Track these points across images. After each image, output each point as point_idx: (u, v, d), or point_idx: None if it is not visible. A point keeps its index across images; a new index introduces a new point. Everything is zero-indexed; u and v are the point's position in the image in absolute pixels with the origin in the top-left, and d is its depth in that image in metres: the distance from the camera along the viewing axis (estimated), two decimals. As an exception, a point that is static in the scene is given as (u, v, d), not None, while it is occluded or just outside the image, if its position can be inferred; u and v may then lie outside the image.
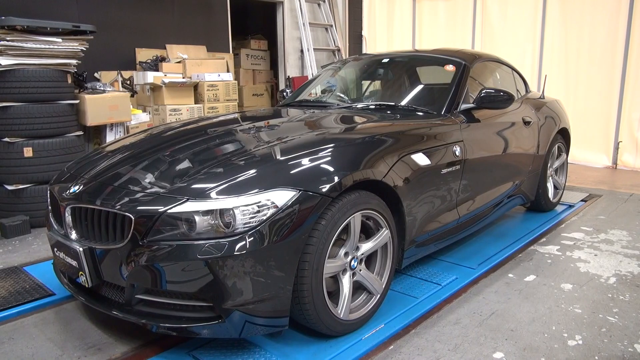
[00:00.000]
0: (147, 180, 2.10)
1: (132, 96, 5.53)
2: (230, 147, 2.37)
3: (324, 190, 1.99)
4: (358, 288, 2.33)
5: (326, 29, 8.05)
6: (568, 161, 4.47)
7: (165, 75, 5.44)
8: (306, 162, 2.08)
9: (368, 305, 2.31)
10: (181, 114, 5.33)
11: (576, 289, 2.71)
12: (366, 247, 2.27)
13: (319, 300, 2.02)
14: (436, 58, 3.54)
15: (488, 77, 3.67)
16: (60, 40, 3.96)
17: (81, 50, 4.12)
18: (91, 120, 4.36)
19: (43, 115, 3.85)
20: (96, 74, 5.40)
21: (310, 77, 6.17)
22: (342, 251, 2.16)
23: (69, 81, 4.10)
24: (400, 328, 2.29)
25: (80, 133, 4.21)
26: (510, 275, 2.91)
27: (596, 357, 2.08)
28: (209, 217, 1.85)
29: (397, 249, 2.46)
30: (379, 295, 2.35)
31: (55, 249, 2.26)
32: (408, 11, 7.76)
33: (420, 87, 3.47)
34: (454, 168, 2.74)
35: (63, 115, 3.99)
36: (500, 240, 3.46)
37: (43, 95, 3.86)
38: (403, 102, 3.22)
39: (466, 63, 3.25)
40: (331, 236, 2.03)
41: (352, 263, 2.21)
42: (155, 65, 5.67)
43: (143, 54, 5.84)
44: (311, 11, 7.82)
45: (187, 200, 1.88)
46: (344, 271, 2.19)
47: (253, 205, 1.86)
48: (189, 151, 2.32)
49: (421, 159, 2.50)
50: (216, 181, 1.96)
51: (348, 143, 2.31)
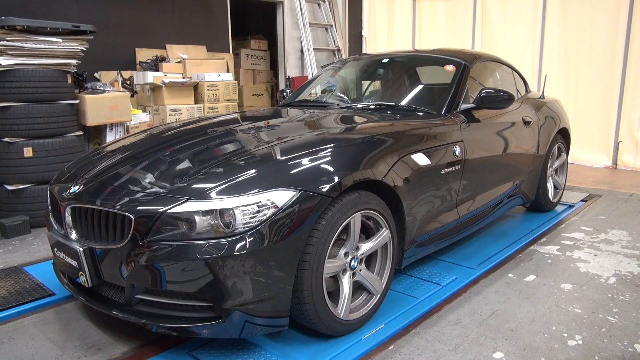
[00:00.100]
0: (147, 180, 2.10)
1: (132, 96, 5.53)
2: (230, 147, 2.37)
3: (324, 190, 1.99)
4: (358, 288, 2.33)
5: (326, 29, 8.05)
6: (568, 161, 4.47)
7: (165, 75, 5.44)
8: (306, 162, 2.08)
9: (368, 305, 2.31)
10: (181, 114, 5.33)
11: (576, 289, 2.71)
12: (366, 247, 2.27)
13: (319, 300, 2.02)
14: (436, 58, 3.54)
15: (488, 77, 3.67)
16: (60, 40, 3.97)
17: (81, 50, 4.12)
18: (91, 120, 4.36)
19: (43, 115, 3.85)
20: (96, 74, 5.40)
21: (310, 77, 6.17)
22: (342, 251, 2.16)
23: (69, 81, 4.10)
24: (400, 328, 2.29)
25: (80, 133, 4.21)
26: (510, 275, 2.91)
27: (596, 357, 2.08)
28: (209, 217, 1.85)
29: (397, 249, 2.46)
30: (379, 295, 2.35)
31: (55, 249, 2.26)
32: (408, 11, 7.76)
33: (420, 87, 3.47)
34: (454, 168, 2.74)
35: (63, 115, 3.99)
36: (500, 240, 3.46)
37: (43, 95, 3.86)
38: (403, 102, 3.22)
39: (466, 63, 3.25)
40: (331, 236, 2.03)
41: (352, 263, 2.21)
42: (155, 65, 5.67)
43: (143, 54, 5.84)
44: (311, 11, 7.82)
45: (187, 200, 1.88)
46: (344, 271, 2.20)
47: (253, 205, 1.86)
48: (189, 151, 2.32)
49: (421, 159, 2.51)
50: (216, 181, 1.96)
51: (348, 143, 2.31)
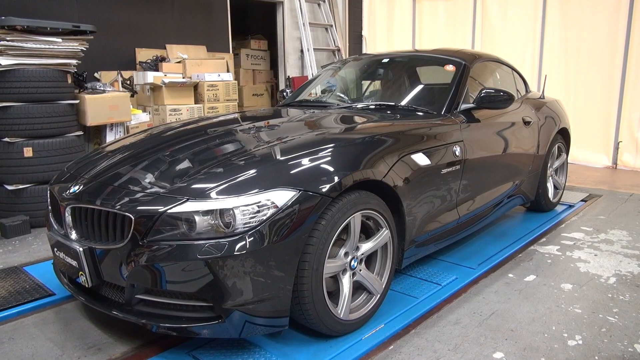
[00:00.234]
0: (147, 180, 2.10)
1: (132, 96, 5.53)
2: (230, 147, 2.37)
3: (324, 190, 1.99)
4: (358, 288, 2.33)
5: (326, 29, 8.05)
6: (568, 161, 4.47)
7: (165, 75, 5.44)
8: (306, 162, 2.08)
9: (368, 305, 2.31)
10: (181, 114, 5.33)
11: (576, 289, 2.71)
12: (366, 247, 2.27)
13: (319, 300, 2.02)
14: (436, 58, 3.54)
15: (488, 77, 3.67)
16: (60, 40, 3.96)
17: (81, 50, 4.12)
18: (91, 120, 4.36)
19: (43, 115, 3.85)
20: (96, 74, 5.40)
21: (310, 77, 6.17)
22: (342, 251, 2.16)
23: (69, 81, 4.10)
24: (400, 328, 2.29)
25: (80, 133, 4.21)
26: (510, 275, 2.91)
27: (596, 357, 2.08)
28: (209, 217, 1.85)
29: (397, 249, 2.46)
30: (379, 295, 2.35)
31: (55, 249, 2.26)
32: (408, 11, 7.76)
33: (420, 87, 3.47)
34: (454, 168, 2.74)
35: (63, 115, 3.99)
36: (500, 240, 3.46)
37: (43, 95, 3.86)
38: (403, 102, 3.22)
39: (466, 63, 3.25)
40: (331, 236, 2.03)
41: (352, 263, 2.21)
42: (155, 65, 5.67)
43: (143, 54, 5.84)
44: (311, 11, 7.82)
45: (187, 200, 1.88)
46: (344, 271, 2.20)
47: (253, 205, 1.86)
48: (189, 151, 2.32)
49: (421, 159, 2.50)
50: (216, 181, 1.96)
51: (348, 143, 2.31)
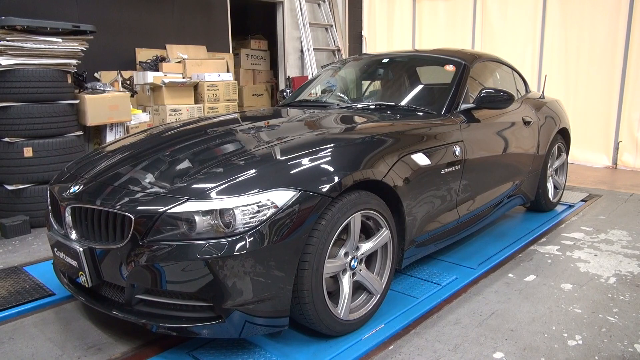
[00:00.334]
0: (147, 180, 2.10)
1: (132, 96, 5.53)
2: (230, 147, 2.37)
3: (324, 190, 1.99)
4: (358, 288, 2.33)
5: (326, 29, 8.05)
6: (568, 161, 4.47)
7: (165, 75, 5.44)
8: (306, 162, 2.08)
9: (368, 305, 2.31)
10: (181, 114, 5.33)
11: (576, 289, 2.71)
12: (366, 247, 2.27)
13: (319, 300, 2.02)
14: (436, 58, 3.54)
15: (488, 77, 3.67)
16: (60, 40, 3.96)
17: (81, 50, 4.12)
18: (91, 120, 4.36)
19: (43, 115, 3.85)
20: (96, 74, 5.39)
21: (310, 77, 6.17)
22: (342, 251, 2.16)
23: (69, 81, 4.10)
24: (400, 328, 2.29)
25: (80, 133, 4.21)
26: (510, 275, 2.91)
27: (596, 357, 2.08)
28: (209, 217, 1.85)
29: (397, 249, 2.46)
30: (379, 295, 2.35)
31: (55, 249, 2.26)
32: (408, 11, 7.76)
33: (420, 87, 3.47)
34: (454, 168, 2.74)
35: (63, 115, 3.99)
36: (500, 240, 3.46)
37: (43, 95, 3.86)
38: (403, 102, 3.22)
39: (466, 63, 3.25)
40: (331, 236, 2.03)
41: (352, 263, 2.21)
42: (155, 65, 5.67)
43: (143, 54, 5.84)
44: (311, 11, 7.82)
45: (187, 200, 1.88)
46: (344, 271, 2.20)
47: (253, 205, 1.86)
48: (189, 151, 2.32)
49: (421, 159, 2.50)
50: (216, 181, 1.96)
51: (348, 143, 2.31)
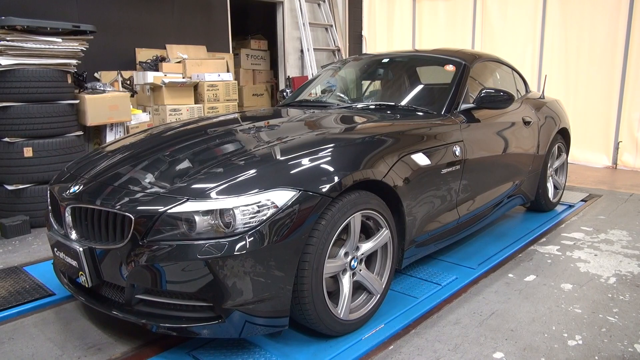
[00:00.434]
0: (147, 180, 2.10)
1: (132, 96, 5.53)
2: (230, 147, 2.37)
3: (324, 190, 1.99)
4: (358, 288, 2.33)
5: (326, 29, 8.04)
6: (568, 161, 4.47)
7: (165, 75, 5.44)
8: (306, 162, 2.08)
9: (368, 305, 2.31)
10: (181, 114, 5.33)
11: (576, 289, 2.71)
12: (366, 247, 2.27)
13: (319, 300, 2.02)
14: (436, 58, 3.54)
15: (488, 77, 3.67)
16: (60, 40, 3.96)
17: (81, 50, 4.12)
18: (91, 120, 4.36)
19: (43, 115, 3.85)
20: (96, 74, 5.39)
21: (310, 77, 6.17)
22: (342, 251, 2.16)
23: (69, 81, 4.10)
24: (400, 328, 2.29)
25: (80, 133, 4.21)
26: (510, 275, 2.91)
27: (596, 357, 2.08)
28: (209, 217, 1.85)
29: (397, 249, 2.46)
30: (379, 295, 2.35)
31: (55, 249, 2.26)
32: (408, 11, 7.76)
33: (420, 87, 3.47)
34: (454, 168, 2.74)
35: (63, 115, 3.99)
36: (500, 240, 3.46)
37: (43, 95, 3.86)
38: (403, 102, 3.22)
39: (466, 63, 3.25)
40: (331, 236, 2.03)
41: (352, 263, 2.21)
42: (155, 65, 5.67)
43: (143, 54, 5.84)
44: (311, 11, 7.82)
45: (187, 200, 1.88)
46: (344, 271, 2.19)
47: (253, 205, 1.86)
48: (189, 151, 2.32)
49: (421, 159, 2.50)
50: (216, 181, 1.96)
51: (348, 143, 2.30)
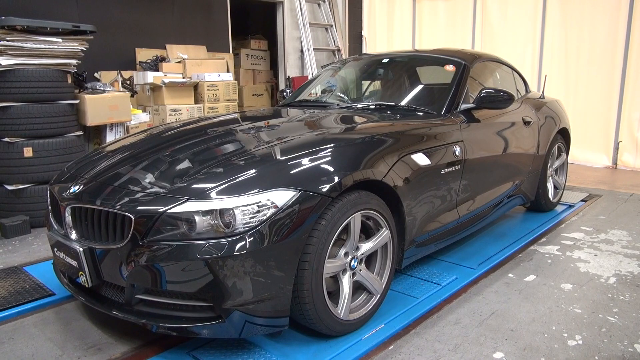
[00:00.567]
0: (147, 180, 2.10)
1: (132, 96, 5.53)
2: (230, 147, 2.37)
3: (324, 190, 1.99)
4: (358, 288, 2.33)
5: (326, 29, 8.05)
6: (568, 161, 4.47)
7: (165, 75, 5.44)
8: (306, 162, 2.08)
9: (368, 305, 2.31)
10: (181, 114, 5.33)
11: (576, 289, 2.71)
12: (366, 247, 2.27)
13: (319, 300, 2.02)
14: (436, 58, 3.54)
15: (488, 77, 3.67)
16: (60, 40, 3.96)
17: (81, 50, 4.12)
18: (91, 120, 4.36)
19: (43, 115, 3.85)
20: (96, 74, 5.40)
21: (310, 77, 6.17)
22: (342, 251, 2.16)
23: (69, 81, 4.10)
24: (400, 328, 2.29)
25: (80, 133, 4.21)
26: (510, 275, 2.91)
27: (596, 357, 2.08)
28: (209, 217, 1.85)
29: (397, 249, 2.46)
30: (379, 295, 2.35)
31: (55, 249, 2.26)
32: (408, 11, 7.76)
33: (420, 87, 3.47)
34: (454, 168, 2.74)
35: (63, 115, 3.99)
36: (500, 240, 3.46)
37: (43, 95, 3.86)
38: (403, 102, 3.22)
39: (466, 63, 3.25)
40: (331, 236, 2.03)
41: (352, 263, 2.21)
42: (155, 65, 5.67)
43: (143, 54, 5.84)
44: (311, 11, 7.82)
45: (187, 200, 1.88)
46: (344, 271, 2.20)
47: (253, 205, 1.86)
48: (189, 151, 2.32)
49: (421, 159, 2.50)
50: (216, 181, 1.96)
51: (348, 143, 2.30)
